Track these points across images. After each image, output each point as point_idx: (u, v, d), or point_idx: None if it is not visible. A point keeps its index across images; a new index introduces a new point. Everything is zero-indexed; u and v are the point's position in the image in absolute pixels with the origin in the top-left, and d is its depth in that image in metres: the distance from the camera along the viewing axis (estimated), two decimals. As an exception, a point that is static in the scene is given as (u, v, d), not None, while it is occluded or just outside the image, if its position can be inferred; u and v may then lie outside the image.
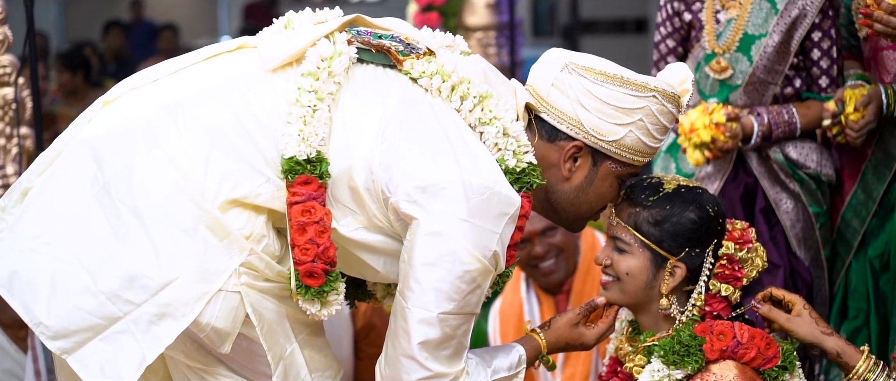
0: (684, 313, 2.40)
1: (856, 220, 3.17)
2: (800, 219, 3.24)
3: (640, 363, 2.39)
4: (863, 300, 3.13)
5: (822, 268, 3.26)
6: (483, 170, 2.20)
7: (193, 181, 2.16)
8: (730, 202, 3.25)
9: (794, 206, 3.23)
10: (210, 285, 2.14)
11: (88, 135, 2.24)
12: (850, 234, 3.18)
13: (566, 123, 2.32)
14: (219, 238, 2.15)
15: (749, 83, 3.20)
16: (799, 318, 2.38)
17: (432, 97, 2.27)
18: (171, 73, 2.32)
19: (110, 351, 2.14)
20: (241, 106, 2.22)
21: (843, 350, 2.33)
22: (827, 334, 2.36)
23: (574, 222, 2.45)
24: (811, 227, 3.24)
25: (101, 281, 2.13)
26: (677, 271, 2.38)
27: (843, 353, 2.33)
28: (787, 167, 3.23)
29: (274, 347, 2.24)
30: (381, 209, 2.22)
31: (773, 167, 3.23)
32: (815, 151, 3.26)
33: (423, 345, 2.18)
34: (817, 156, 3.26)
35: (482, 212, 2.18)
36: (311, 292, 2.18)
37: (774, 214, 3.25)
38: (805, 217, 3.24)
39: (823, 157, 3.27)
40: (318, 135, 2.18)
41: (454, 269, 2.16)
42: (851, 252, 3.17)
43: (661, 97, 2.32)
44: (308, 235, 2.15)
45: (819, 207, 3.25)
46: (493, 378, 2.31)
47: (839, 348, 2.34)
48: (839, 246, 3.24)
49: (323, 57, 2.23)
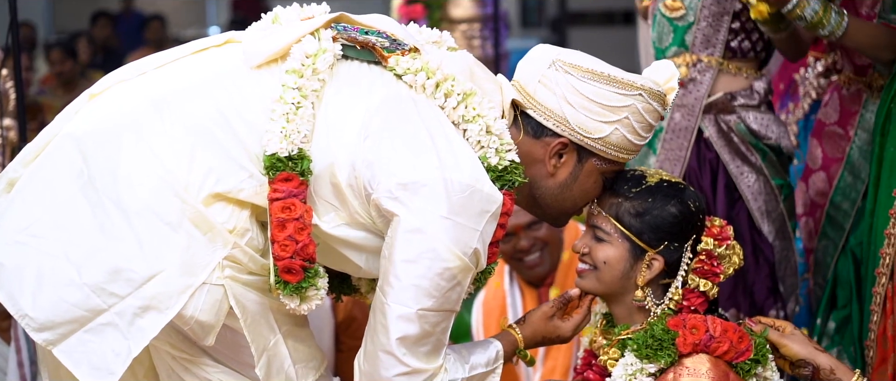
0: (660, 305, 2.43)
1: (846, 202, 3.17)
2: (762, 191, 3.24)
3: (614, 356, 2.42)
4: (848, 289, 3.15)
5: (790, 239, 3.27)
6: (465, 167, 2.22)
7: (178, 176, 2.18)
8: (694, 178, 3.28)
9: (755, 179, 3.24)
10: (194, 279, 2.16)
11: (74, 128, 2.26)
12: (841, 216, 3.19)
13: (552, 120, 2.34)
14: (202, 232, 2.18)
15: (702, 18, 3.23)
16: (792, 335, 2.40)
17: (416, 94, 2.28)
18: (157, 66, 2.34)
19: (96, 343, 2.16)
20: (225, 102, 2.24)
21: (837, 367, 2.34)
22: (819, 351, 2.38)
23: (558, 217, 2.48)
24: (775, 199, 3.25)
25: (85, 274, 2.15)
26: (655, 264, 2.41)
27: (837, 369, 2.34)
28: (749, 138, 3.24)
29: (257, 338, 2.26)
30: (364, 206, 2.24)
31: (734, 140, 3.24)
32: (774, 123, 3.28)
33: (401, 341, 2.21)
34: (777, 127, 3.28)
35: (463, 209, 2.20)
36: (290, 287, 2.20)
37: (736, 189, 3.26)
38: (768, 190, 3.25)
39: (782, 128, 3.29)
40: (301, 132, 2.20)
41: (434, 266, 2.18)
42: (844, 236, 3.18)
43: (647, 96, 2.34)
44: (288, 231, 2.17)
45: (781, 179, 3.26)
46: (471, 374, 2.34)
47: (833, 364, 2.35)
48: (830, 231, 3.24)
49: (307, 54, 2.25)
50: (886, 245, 2.73)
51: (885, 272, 2.74)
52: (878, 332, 2.76)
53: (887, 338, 2.75)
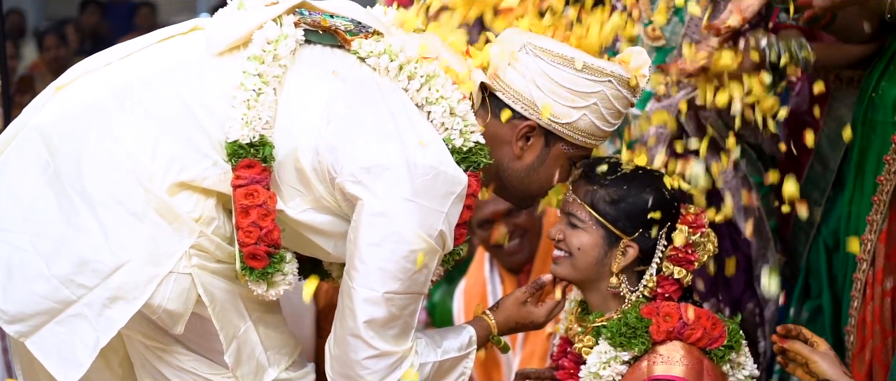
0: (634, 292, 2.43)
1: (816, 192, 3.18)
2: (740, 188, 3.23)
3: (589, 344, 2.42)
4: (820, 279, 3.15)
5: (767, 238, 3.27)
6: (428, 150, 2.22)
7: (142, 166, 2.19)
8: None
9: (733, 175, 3.23)
10: (160, 268, 2.17)
11: (40, 121, 2.26)
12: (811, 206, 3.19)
13: (520, 103, 2.34)
14: (168, 222, 2.18)
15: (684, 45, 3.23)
16: (825, 355, 2.40)
17: (380, 77, 2.28)
18: (123, 57, 2.33)
19: (66, 334, 2.17)
20: (188, 91, 2.24)
21: None
22: (847, 376, 2.38)
23: (523, 199, 2.48)
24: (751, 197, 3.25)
25: (54, 266, 2.16)
26: (629, 251, 2.41)
27: None
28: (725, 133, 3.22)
29: (227, 326, 2.27)
30: (328, 190, 2.24)
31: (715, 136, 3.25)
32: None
33: (368, 324, 2.21)
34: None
35: (427, 192, 2.20)
36: (256, 273, 2.21)
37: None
38: (745, 187, 3.24)
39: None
40: (263, 118, 2.20)
41: (399, 249, 2.19)
42: (814, 227, 3.18)
43: (616, 82, 2.34)
44: (251, 218, 2.18)
45: (760, 177, 3.26)
46: (444, 358, 2.35)
47: None
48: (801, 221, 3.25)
49: (268, 40, 2.24)
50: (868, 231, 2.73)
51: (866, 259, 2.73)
52: (858, 318, 2.76)
53: (866, 324, 2.75)
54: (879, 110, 2.81)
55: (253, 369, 2.32)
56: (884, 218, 2.69)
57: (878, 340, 2.73)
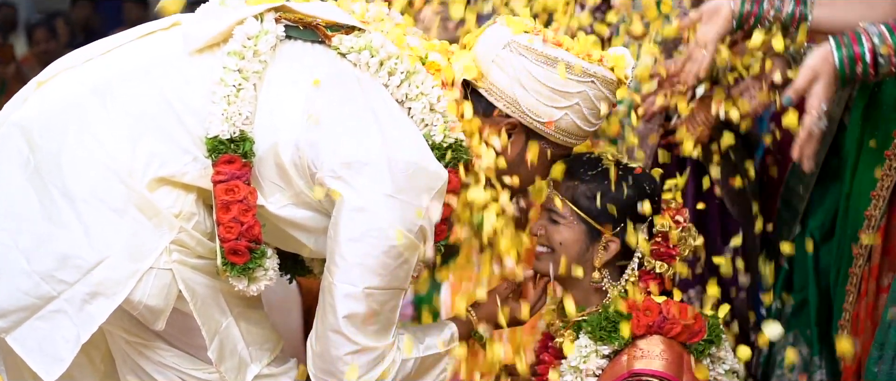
0: (616, 287, 2.44)
1: (801, 186, 3.17)
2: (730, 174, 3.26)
3: (570, 338, 2.43)
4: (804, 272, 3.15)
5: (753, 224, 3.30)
6: (409, 145, 2.23)
7: (121, 162, 2.19)
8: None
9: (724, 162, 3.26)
10: (140, 264, 2.17)
11: (21, 117, 2.26)
12: (796, 201, 3.18)
13: (503, 101, 2.34)
14: (148, 217, 2.18)
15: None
16: None
17: (360, 72, 2.28)
18: (103, 52, 2.34)
19: (46, 330, 2.17)
20: (168, 86, 2.24)
21: None
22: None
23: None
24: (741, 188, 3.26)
25: (35, 262, 2.16)
26: (611, 246, 2.42)
27: None
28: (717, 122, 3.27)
29: (208, 322, 2.27)
30: (309, 185, 2.24)
31: None
32: None
33: (348, 319, 2.22)
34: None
35: (408, 187, 2.20)
36: (237, 268, 2.21)
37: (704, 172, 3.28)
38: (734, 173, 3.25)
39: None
40: (242, 114, 2.20)
41: (379, 244, 2.19)
42: (797, 219, 3.19)
43: (599, 83, 2.34)
44: (232, 213, 2.18)
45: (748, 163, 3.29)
46: (426, 354, 2.35)
47: None
48: (785, 214, 3.23)
49: (249, 35, 2.25)
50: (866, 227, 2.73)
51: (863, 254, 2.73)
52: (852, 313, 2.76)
53: (859, 320, 2.75)
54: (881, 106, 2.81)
55: (235, 364, 2.32)
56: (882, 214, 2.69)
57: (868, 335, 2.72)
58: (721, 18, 2.53)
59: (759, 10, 2.53)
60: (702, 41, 2.54)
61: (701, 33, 2.55)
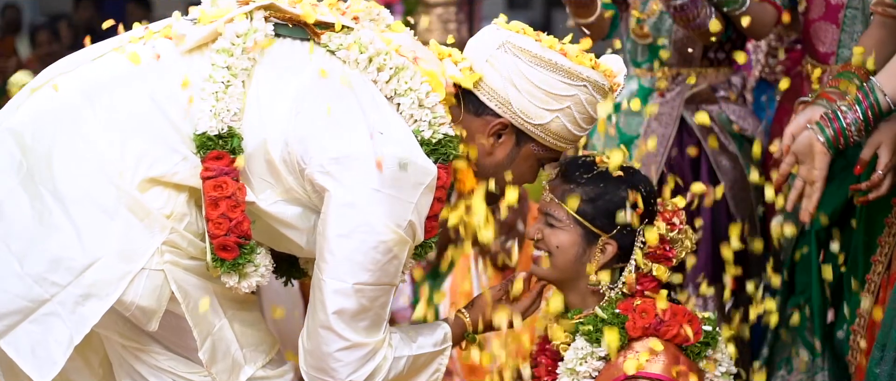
0: (614, 289, 2.43)
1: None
2: (737, 179, 3.30)
3: (567, 341, 2.42)
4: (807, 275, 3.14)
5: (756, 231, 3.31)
6: (397, 140, 2.22)
7: (111, 163, 2.18)
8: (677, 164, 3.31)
9: (731, 167, 3.29)
10: (132, 265, 2.17)
11: (14, 122, 2.26)
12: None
13: (495, 101, 2.33)
14: (139, 218, 2.18)
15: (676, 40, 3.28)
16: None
17: (350, 69, 2.28)
18: (95, 57, 2.33)
19: (39, 333, 2.17)
20: (158, 87, 2.24)
21: None
22: None
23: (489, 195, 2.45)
24: (746, 189, 3.30)
25: (27, 264, 2.16)
26: (608, 249, 2.41)
27: None
28: (728, 127, 3.32)
29: (201, 323, 2.27)
30: (298, 181, 2.24)
31: (715, 128, 3.30)
32: (750, 116, 3.38)
33: (338, 315, 2.21)
34: (752, 120, 3.37)
35: (396, 182, 2.19)
36: (227, 264, 2.21)
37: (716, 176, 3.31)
38: (741, 178, 3.30)
39: (757, 122, 3.38)
40: (231, 110, 2.20)
41: (368, 239, 2.19)
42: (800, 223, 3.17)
43: (592, 87, 2.33)
44: (220, 209, 2.18)
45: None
46: (418, 353, 2.35)
47: None
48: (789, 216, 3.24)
49: (238, 33, 2.25)
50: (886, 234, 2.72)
51: (882, 261, 2.72)
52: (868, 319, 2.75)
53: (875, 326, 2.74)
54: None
55: (228, 366, 2.32)
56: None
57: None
58: (819, 155, 2.48)
59: (841, 125, 2.47)
60: (810, 181, 2.51)
61: (806, 175, 2.52)
